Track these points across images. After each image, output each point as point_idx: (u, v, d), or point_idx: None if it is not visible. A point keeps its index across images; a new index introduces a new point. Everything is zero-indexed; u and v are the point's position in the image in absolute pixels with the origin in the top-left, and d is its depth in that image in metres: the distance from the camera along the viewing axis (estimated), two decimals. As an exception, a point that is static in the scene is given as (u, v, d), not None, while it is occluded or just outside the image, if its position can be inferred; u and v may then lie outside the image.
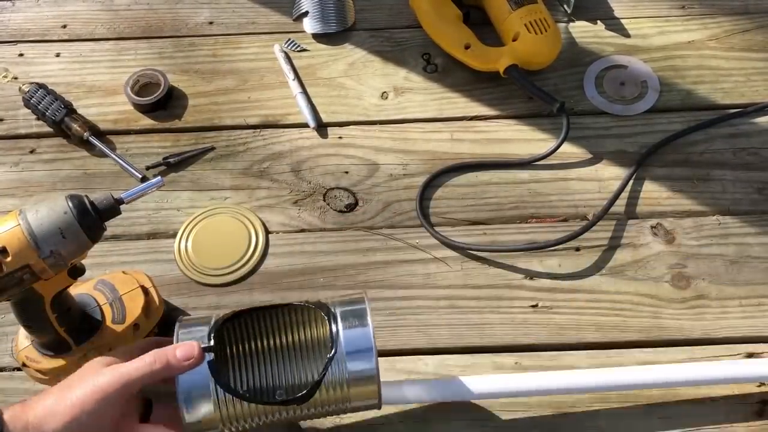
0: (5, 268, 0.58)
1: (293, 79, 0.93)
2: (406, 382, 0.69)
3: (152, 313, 0.73)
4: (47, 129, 0.90)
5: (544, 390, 0.69)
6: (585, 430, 0.70)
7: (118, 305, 0.71)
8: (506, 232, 0.82)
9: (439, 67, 0.95)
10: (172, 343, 0.60)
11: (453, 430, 0.70)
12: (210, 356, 0.59)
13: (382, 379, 0.61)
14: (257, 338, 0.65)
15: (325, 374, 0.59)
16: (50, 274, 0.61)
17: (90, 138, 0.87)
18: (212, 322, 0.61)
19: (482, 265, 0.80)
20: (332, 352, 0.59)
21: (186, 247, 0.81)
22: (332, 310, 0.61)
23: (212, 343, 0.59)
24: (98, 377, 0.57)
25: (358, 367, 0.59)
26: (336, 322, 0.60)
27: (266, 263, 0.81)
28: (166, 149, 0.89)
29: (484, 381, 0.69)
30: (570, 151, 0.87)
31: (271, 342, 0.65)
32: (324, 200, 0.85)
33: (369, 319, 0.61)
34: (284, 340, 0.65)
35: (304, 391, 0.59)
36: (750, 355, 0.73)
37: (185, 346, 0.59)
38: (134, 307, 0.71)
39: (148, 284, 0.74)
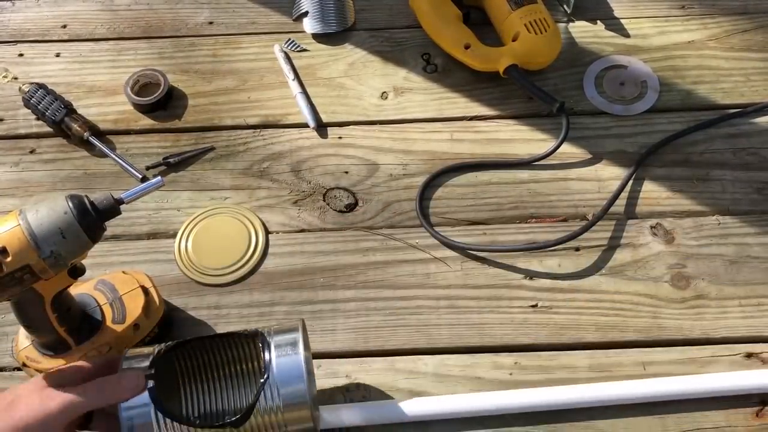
0: (5, 268, 0.59)
1: (293, 79, 0.93)
2: (345, 406, 0.71)
3: (152, 313, 0.73)
4: (47, 129, 0.90)
5: (478, 411, 0.70)
6: (584, 430, 0.70)
7: (118, 305, 0.71)
8: (506, 232, 0.82)
9: (439, 67, 0.95)
10: (120, 363, 0.64)
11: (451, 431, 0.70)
12: (151, 383, 0.62)
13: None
14: (206, 367, 0.69)
15: (257, 400, 0.62)
16: (50, 274, 0.61)
17: (90, 138, 0.87)
18: (155, 352, 0.64)
19: (482, 265, 0.80)
20: (264, 379, 0.62)
21: (186, 247, 0.81)
22: (267, 339, 0.64)
23: (153, 371, 0.63)
24: (45, 401, 0.59)
25: (290, 393, 0.62)
26: (270, 351, 0.63)
27: (266, 263, 0.81)
28: (166, 149, 0.89)
29: (419, 403, 0.70)
30: (570, 151, 0.87)
31: (219, 371, 0.69)
32: (324, 200, 0.85)
33: (301, 347, 0.64)
34: (231, 368, 0.69)
35: (238, 416, 0.62)
36: (749, 356, 0.73)
37: (129, 375, 0.62)
38: (134, 307, 0.71)
39: (148, 284, 0.74)
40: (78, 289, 0.71)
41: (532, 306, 0.77)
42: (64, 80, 0.94)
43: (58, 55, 0.97)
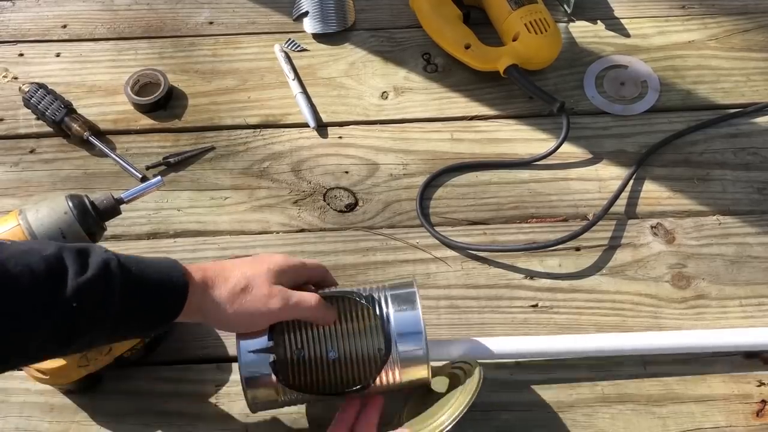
0: (5, 268, 0.58)
1: (293, 79, 0.93)
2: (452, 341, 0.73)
3: (152, 313, 0.73)
4: (47, 129, 0.90)
5: (564, 352, 0.72)
6: (585, 430, 0.70)
7: (118, 305, 0.71)
8: (506, 232, 0.82)
9: (439, 67, 0.95)
10: None
11: (454, 429, 0.70)
12: (272, 357, 0.62)
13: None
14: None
15: (388, 355, 0.62)
16: (50, 274, 0.61)
17: (90, 138, 0.87)
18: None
19: (482, 264, 0.80)
20: (384, 354, 0.62)
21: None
22: (383, 294, 0.64)
23: (272, 343, 0.62)
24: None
25: (408, 348, 0.62)
26: (387, 306, 0.64)
27: (266, 263, 0.81)
28: (166, 149, 0.89)
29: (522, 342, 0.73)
30: (570, 151, 0.87)
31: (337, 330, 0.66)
32: (324, 200, 0.85)
33: (418, 302, 0.64)
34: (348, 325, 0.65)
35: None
36: (749, 355, 0.73)
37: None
38: (134, 307, 0.71)
39: (148, 284, 0.74)
40: (78, 289, 0.71)
41: (533, 306, 0.77)
42: (64, 80, 0.94)
43: (58, 55, 0.97)
